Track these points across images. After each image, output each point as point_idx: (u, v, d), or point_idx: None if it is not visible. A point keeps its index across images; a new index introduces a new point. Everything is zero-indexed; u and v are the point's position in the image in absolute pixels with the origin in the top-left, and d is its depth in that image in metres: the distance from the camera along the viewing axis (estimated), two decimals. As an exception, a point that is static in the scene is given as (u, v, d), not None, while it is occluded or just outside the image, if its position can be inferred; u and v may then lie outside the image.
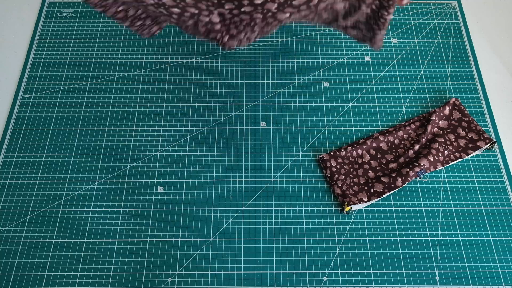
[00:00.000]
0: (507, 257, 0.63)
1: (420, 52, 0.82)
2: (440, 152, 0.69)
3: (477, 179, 0.69)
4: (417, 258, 0.63)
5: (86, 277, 0.61)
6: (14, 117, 0.74)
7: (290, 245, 0.64)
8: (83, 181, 0.68)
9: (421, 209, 0.67)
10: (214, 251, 0.63)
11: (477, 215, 0.66)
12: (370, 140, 0.71)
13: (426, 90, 0.78)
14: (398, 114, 0.75)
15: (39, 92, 0.77)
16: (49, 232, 0.64)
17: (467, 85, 0.79)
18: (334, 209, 0.67)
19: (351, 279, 0.61)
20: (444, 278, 0.62)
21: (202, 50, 0.82)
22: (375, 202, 0.67)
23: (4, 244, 0.64)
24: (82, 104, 0.76)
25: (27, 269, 0.62)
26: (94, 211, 0.66)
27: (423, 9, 0.88)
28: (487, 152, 0.72)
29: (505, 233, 0.65)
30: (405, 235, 0.65)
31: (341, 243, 0.64)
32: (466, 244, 0.64)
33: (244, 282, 0.61)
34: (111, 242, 0.64)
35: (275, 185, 0.68)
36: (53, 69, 0.80)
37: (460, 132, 0.72)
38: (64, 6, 0.88)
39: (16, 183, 0.68)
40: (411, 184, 0.69)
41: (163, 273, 0.62)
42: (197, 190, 0.68)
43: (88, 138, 0.72)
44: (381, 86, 0.78)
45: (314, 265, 0.62)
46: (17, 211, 0.66)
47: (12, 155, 0.71)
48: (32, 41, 0.83)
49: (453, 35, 0.85)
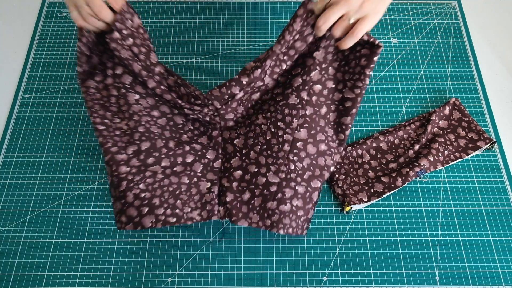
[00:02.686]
0: (507, 257, 0.63)
1: (420, 52, 0.82)
2: (440, 152, 0.69)
3: (477, 179, 0.69)
4: (417, 258, 0.63)
5: (86, 277, 0.61)
6: (14, 117, 0.74)
7: (290, 245, 0.64)
8: (83, 181, 0.68)
9: (421, 209, 0.67)
10: (214, 251, 0.63)
11: (477, 215, 0.66)
12: (370, 140, 0.71)
13: (426, 90, 0.78)
14: (398, 114, 0.75)
15: (39, 92, 0.77)
16: (49, 232, 0.64)
17: (467, 85, 0.79)
18: (334, 209, 0.67)
19: (351, 279, 0.61)
20: (444, 278, 0.62)
21: (202, 50, 0.82)
22: (375, 202, 0.67)
23: (4, 244, 0.64)
24: (82, 104, 0.76)
25: (27, 269, 0.62)
26: (94, 211, 0.66)
27: (423, 9, 0.88)
28: (487, 152, 0.72)
29: (505, 233, 0.65)
30: (405, 235, 0.65)
31: (341, 243, 0.64)
32: (466, 244, 0.64)
33: (244, 282, 0.61)
34: (111, 242, 0.64)
35: (275, 185, 0.68)
36: (53, 69, 0.80)
37: (460, 132, 0.72)
38: (64, 6, 0.88)
39: (16, 183, 0.68)
40: (411, 184, 0.69)
41: (163, 273, 0.62)
42: (197, 190, 0.68)
43: (88, 138, 0.72)
44: (381, 86, 0.78)
45: (314, 265, 0.62)
46: (17, 211, 0.66)
47: (12, 155, 0.71)
48: (32, 41, 0.83)
49: (453, 35, 0.85)
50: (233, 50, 0.82)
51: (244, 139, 0.61)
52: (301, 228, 0.59)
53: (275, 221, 0.57)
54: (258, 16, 0.87)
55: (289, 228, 0.58)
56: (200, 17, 0.87)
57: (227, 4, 0.89)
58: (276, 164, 0.59)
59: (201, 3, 0.88)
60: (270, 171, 0.59)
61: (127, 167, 0.57)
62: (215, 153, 0.61)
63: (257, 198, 0.58)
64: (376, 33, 0.85)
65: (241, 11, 0.88)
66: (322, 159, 0.61)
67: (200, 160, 0.61)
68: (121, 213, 0.57)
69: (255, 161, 0.60)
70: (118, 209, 0.57)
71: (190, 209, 0.58)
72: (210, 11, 0.87)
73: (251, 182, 0.59)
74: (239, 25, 0.86)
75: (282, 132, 0.60)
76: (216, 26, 0.85)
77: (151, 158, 0.58)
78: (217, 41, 0.83)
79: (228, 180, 0.60)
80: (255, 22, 0.86)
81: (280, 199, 0.57)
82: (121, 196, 0.57)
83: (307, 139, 0.60)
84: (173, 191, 0.58)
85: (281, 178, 0.58)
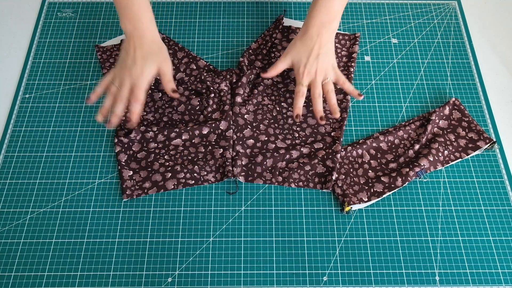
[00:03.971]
0: (507, 257, 0.63)
1: (420, 52, 0.82)
2: (440, 152, 0.69)
3: (477, 179, 0.69)
4: (417, 258, 0.63)
5: (86, 277, 0.61)
6: (14, 117, 0.74)
7: (290, 245, 0.64)
8: (83, 181, 0.68)
9: (421, 209, 0.67)
10: (214, 251, 0.63)
11: (477, 215, 0.66)
12: (370, 140, 0.71)
13: (426, 90, 0.78)
14: (398, 114, 0.75)
15: (39, 92, 0.77)
16: (49, 232, 0.64)
17: (467, 85, 0.79)
18: (334, 209, 0.67)
19: (351, 279, 0.61)
20: (444, 278, 0.62)
21: (202, 50, 0.82)
22: (375, 202, 0.67)
23: (4, 244, 0.64)
24: (82, 104, 0.76)
25: (27, 269, 0.62)
26: (94, 211, 0.66)
27: (423, 9, 0.88)
28: (487, 152, 0.72)
29: (505, 233, 0.65)
30: (405, 235, 0.65)
31: (341, 243, 0.64)
32: (466, 244, 0.64)
33: (244, 282, 0.61)
34: (111, 242, 0.64)
35: (275, 185, 0.68)
36: (53, 69, 0.80)
37: (460, 132, 0.72)
38: (64, 6, 0.88)
39: (16, 183, 0.68)
40: (411, 184, 0.69)
41: (163, 273, 0.62)
42: (197, 190, 0.68)
43: (88, 138, 0.72)
44: (381, 86, 0.78)
45: (314, 265, 0.62)
46: (17, 211, 0.66)
47: (12, 155, 0.71)
48: (32, 41, 0.83)
49: (453, 35, 0.85)
50: (233, 50, 0.82)
51: (254, 115, 0.73)
52: (313, 182, 0.68)
53: (286, 177, 0.68)
54: (258, 16, 0.87)
55: (299, 182, 0.68)
56: (200, 17, 0.87)
57: (227, 4, 0.89)
58: (283, 134, 0.72)
59: (201, 3, 0.88)
60: (278, 139, 0.71)
61: (154, 143, 0.70)
62: (227, 124, 0.71)
63: (269, 160, 0.68)
64: (376, 33, 0.85)
65: (241, 11, 0.88)
66: (323, 128, 0.73)
67: (214, 131, 0.71)
68: (144, 180, 0.67)
69: (265, 132, 0.72)
70: (142, 177, 0.67)
71: (206, 172, 0.68)
72: (210, 11, 0.87)
73: (262, 148, 0.70)
74: (239, 25, 0.86)
75: (286, 110, 0.75)
76: (216, 26, 0.85)
77: (173, 133, 0.70)
78: (217, 41, 0.83)
79: (243, 147, 0.70)
80: (255, 22, 0.86)
81: (288, 159, 0.69)
82: (148, 166, 0.68)
83: (307, 114, 0.74)
84: (191, 159, 0.69)
85: (287, 144, 0.71)
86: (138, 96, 0.65)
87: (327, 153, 0.69)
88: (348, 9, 0.88)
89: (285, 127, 0.73)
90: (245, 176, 0.68)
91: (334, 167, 0.68)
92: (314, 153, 0.69)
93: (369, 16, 0.87)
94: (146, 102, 0.74)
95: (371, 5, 0.89)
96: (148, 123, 0.73)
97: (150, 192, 0.67)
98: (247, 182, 0.68)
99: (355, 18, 0.87)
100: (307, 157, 0.69)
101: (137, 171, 0.68)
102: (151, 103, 0.75)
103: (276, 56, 0.78)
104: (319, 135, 0.72)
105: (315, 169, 0.68)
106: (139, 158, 0.69)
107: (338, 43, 0.82)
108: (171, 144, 0.70)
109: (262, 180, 0.68)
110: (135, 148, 0.70)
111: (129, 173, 0.68)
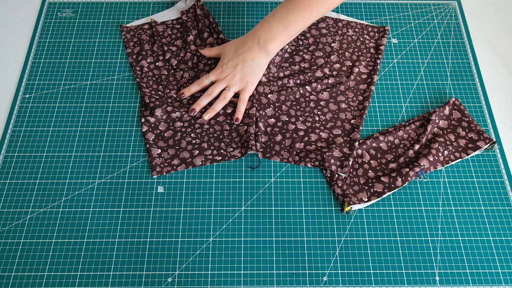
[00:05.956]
0: (507, 257, 0.63)
1: (420, 52, 0.82)
2: (440, 152, 0.69)
3: (477, 179, 0.69)
4: (417, 258, 0.63)
5: (86, 277, 0.61)
6: (14, 117, 0.74)
7: (290, 245, 0.64)
8: (83, 181, 0.68)
9: (421, 209, 0.67)
10: (214, 251, 0.63)
11: (477, 215, 0.66)
12: (370, 140, 0.71)
13: (426, 90, 0.78)
14: (398, 114, 0.75)
15: (39, 92, 0.77)
16: (49, 232, 0.64)
17: (467, 85, 0.79)
18: (334, 209, 0.67)
19: (351, 279, 0.62)
20: (444, 278, 0.62)
21: (202, 50, 0.82)
22: (375, 202, 0.67)
23: (4, 244, 0.64)
24: (82, 104, 0.76)
25: (27, 269, 0.62)
26: (94, 211, 0.66)
27: (423, 9, 0.88)
28: (487, 152, 0.72)
29: (505, 233, 0.65)
30: (405, 235, 0.65)
31: (341, 243, 0.64)
32: (466, 244, 0.64)
33: (244, 282, 0.61)
34: (111, 242, 0.64)
35: (275, 185, 0.68)
36: (53, 69, 0.80)
37: (460, 132, 0.72)
38: (64, 6, 0.88)
39: (16, 183, 0.68)
40: (411, 184, 0.69)
41: (163, 273, 0.62)
42: (197, 190, 0.68)
43: (88, 138, 0.72)
44: (381, 86, 0.79)
45: (314, 265, 0.62)
46: (17, 211, 0.66)
47: (12, 155, 0.71)
48: (32, 41, 0.83)
49: (453, 35, 0.85)
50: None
51: (277, 96, 0.76)
52: (328, 162, 0.68)
53: (302, 156, 0.70)
54: (258, 16, 0.87)
55: (316, 162, 0.69)
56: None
57: (227, 4, 0.89)
58: (304, 116, 0.74)
59: (201, 3, 0.88)
60: (298, 120, 0.74)
61: (180, 122, 0.72)
62: (250, 102, 0.74)
63: (287, 140, 0.71)
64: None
65: (241, 11, 0.88)
66: (343, 114, 0.75)
67: None
68: (172, 157, 0.69)
69: (287, 113, 0.74)
70: (170, 155, 0.70)
71: (232, 148, 0.71)
72: (210, 11, 0.87)
73: (282, 128, 0.73)
74: (239, 25, 0.86)
75: (309, 94, 0.77)
76: (216, 26, 0.85)
77: (199, 113, 0.74)
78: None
79: (264, 125, 0.73)
80: (255, 22, 0.86)
81: (307, 141, 0.71)
82: (175, 144, 0.71)
83: (329, 99, 0.76)
84: (217, 136, 0.72)
85: (307, 126, 0.73)
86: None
87: (345, 141, 0.71)
88: (348, 9, 0.88)
89: (307, 110, 0.75)
90: (263, 152, 0.70)
91: (351, 154, 0.69)
92: (332, 139, 0.71)
93: (369, 16, 0.87)
94: (170, 80, 0.78)
95: (371, 5, 0.89)
96: (172, 100, 0.75)
97: (179, 168, 0.69)
98: (264, 158, 0.70)
99: (355, 18, 0.87)
100: (325, 141, 0.71)
101: (165, 149, 0.70)
102: (174, 82, 0.77)
103: (304, 44, 0.82)
104: (339, 121, 0.74)
105: (332, 152, 0.69)
106: (166, 137, 0.71)
107: (367, 35, 0.84)
108: (196, 122, 0.73)
109: (279, 158, 0.70)
110: (162, 128, 0.72)
111: (158, 151, 0.70)
